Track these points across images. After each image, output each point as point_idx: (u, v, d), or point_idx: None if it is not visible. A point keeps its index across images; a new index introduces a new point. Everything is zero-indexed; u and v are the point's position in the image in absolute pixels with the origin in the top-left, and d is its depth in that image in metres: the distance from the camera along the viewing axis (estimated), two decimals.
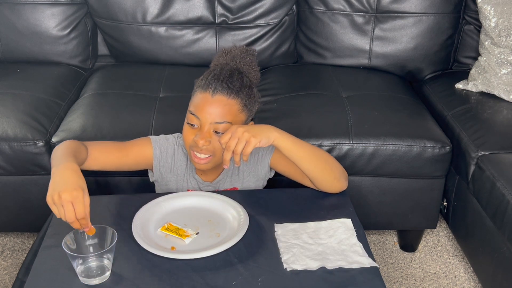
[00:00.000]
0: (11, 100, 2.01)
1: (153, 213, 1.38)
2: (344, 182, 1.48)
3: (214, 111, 1.38)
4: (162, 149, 1.53)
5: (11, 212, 1.97)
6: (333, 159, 1.49)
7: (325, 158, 1.46)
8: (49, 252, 1.26)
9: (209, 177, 1.55)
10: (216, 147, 1.40)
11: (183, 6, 2.30)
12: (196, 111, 1.39)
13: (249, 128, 1.33)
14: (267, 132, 1.34)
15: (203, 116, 1.38)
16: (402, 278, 2.04)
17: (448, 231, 2.27)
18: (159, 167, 1.53)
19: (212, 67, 1.47)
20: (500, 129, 1.95)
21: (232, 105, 1.39)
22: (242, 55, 1.48)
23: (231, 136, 1.31)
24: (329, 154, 1.50)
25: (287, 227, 1.35)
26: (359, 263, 1.24)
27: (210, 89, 1.38)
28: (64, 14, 2.32)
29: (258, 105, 1.48)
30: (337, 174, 1.46)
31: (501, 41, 2.08)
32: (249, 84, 1.44)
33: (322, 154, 1.46)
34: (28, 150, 1.86)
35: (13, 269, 2.04)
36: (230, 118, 1.38)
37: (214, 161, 1.44)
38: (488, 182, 1.74)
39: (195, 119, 1.40)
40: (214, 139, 1.40)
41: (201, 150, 1.40)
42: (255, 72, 1.49)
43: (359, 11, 2.32)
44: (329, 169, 1.45)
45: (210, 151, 1.41)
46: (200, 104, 1.39)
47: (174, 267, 1.21)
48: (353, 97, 2.10)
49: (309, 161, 1.41)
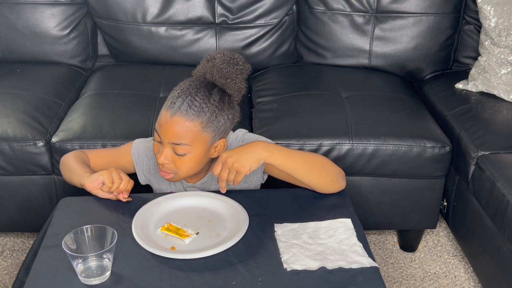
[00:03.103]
0: (11, 100, 2.01)
1: (153, 213, 1.38)
2: (342, 182, 1.48)
3: (172, 132, 1.35)
4: (140, 152, 1.53)
5: (11, 212, 1.97)
6: (328, 161, 1.48)
7: (319, 163, 1.45)
8: (49, 252, 1.26)
9: (193, 179, 1.53)
10: (178, 167, 1.39)
11: (183, 6, 2.30)
12: (157, 129, 1.38)
13: (238, 157, 1.35)
14: (256, 156, 1.37)
15: (162, 135, 1.37)
16: (402, 278, 2.04)
17: (448, 231, 2.27)
18: (141, 170, 1.54)
19: (193, 74, 1.45)
20: (500, 129, 1.95)
21: (190, 127, 1.34)
22: (222, 65, 1.39)
23: (222, 167, 1.36)
24: (323, 157, 1.50)
25: (287, 227, 1.35)
26: (359, 263, 1.24)
27: (170, 108, 1.35)
28: (64, 14, 2.32)
29: (233, 121, 1.43)
30: (334, 177, 1.46)
31: (501, 41, 2.08)
32: (218, 99, 1.37)
33: (316, 160, 1.46)
34: (28, 150, 1.86)
35: (13, 269, 2.04)
36: (188, 140, 1.35)
37: (179, 177, 1.44)
38: (488, 182, 1.74)
39: (157, 136, 1.39)
40: (174, 158, 1.38)
41: (163, 168, 1.40)
42: (237, 83, 1.40)
43: (359, 11, 2.32)
44: (325, 173, 1.45)
45: (172, 170, 1.40)
46: (161, 122, 1.37)
47: (174, 267, 1.21)
48: (353, 97, 2.10)
49: (303, 171, 1.42)
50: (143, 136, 1.62)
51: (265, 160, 1.38)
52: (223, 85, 1.40)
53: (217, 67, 1.39)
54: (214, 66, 1.40)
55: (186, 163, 1.38)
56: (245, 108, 2.12)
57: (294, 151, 1.45)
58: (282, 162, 1.39)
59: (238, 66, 1.41)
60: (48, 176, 1.92)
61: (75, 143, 1.85)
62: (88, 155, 1.55)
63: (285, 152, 1.41)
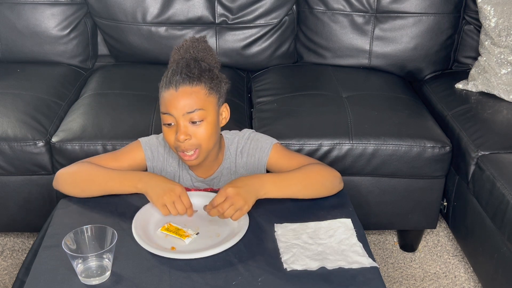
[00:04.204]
0: (11, 100, 2.01)
1: (153, 213, 1.38)
2: (339, 185, 1.50)
3: (183, 103, 1.38)
4: (153, 149, 1.54)
5: (11, 212, 1.97)
6: (322, 172, 1.48)
7: (314, 179, 1.46)
8: (49, 252, 1.26)
9: (204, 173, 1.54)
10: (199, 137, 1.40)
11: (183, 6, 2.30)
12: (167, 109, 1.39)
13: (240, 190, 1.34)
14: (256, 192, 1.37)
15: (175, 112, 1.38)
16: (402, 278, 2.04)
17: (448, 231, 2.27)
18: (153, 168, 1.54)
19: (169, 65, 1.48)
20: (500, 129, 1.95)
21: (197, 92, 1.39)
22: (193, 44, 1.47)
23: (225, 200, 1.33)
24: (318, 168, 1.49)
25: (287, 227, 1.35)
26: (359, 263, 1.24)
27: (172, 84, 1.39)
28: (64, 14, 2.32)
29: (226, 85, 1.48)
30: (330, 186, 1.48)
31: (501, 41, 2.08)
32: (209, 67, 1.44)
33: (310, 176, 1.47)
34: (28, 150, 1.86)
35: (13, 269, 2.04)
36: (201, 105, 1.39)
37: (203, 151, 1.43)
38: (488, 182, 1.74)
39: (169, 117, 1.40)
40: (193, 130, 1.39)
41: (186, 147, 1.40)
42: (212, 56, 1.49)
43: (359, 11, 2.32)
44: (321, 187, 1.47)
45: (194, 145, 1.41)
46: (168, 101, 1.39)
47: (174, 267, 1.21)
48: (353, 97, 2.10)
49: (301, 191, 1.45)
50: (144, 136, 1.62)
51: (263, 196, 1.40)
52: (202, 58, 1.46)
53: (191, 47, 1.47)
54: (188, 48, 1.47)
55: (205, 130, 1.40)
56: (245, 108, 2.12)
57: (287, 175, 1.46)
58: (280, 193, 1.42)
59: (205, 43, 1.49)
60: (48, 176, 1.92)
61: (75, 143, 1.85)
62: (96, 161, 1.51)
63: (281, 181, 1.43)
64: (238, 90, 2.24)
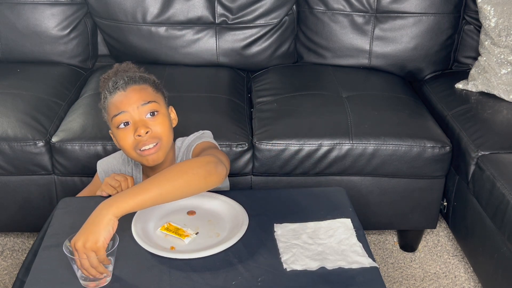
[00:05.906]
0: (11, 100, 2.01)
1: (153, 213, 1.38)
2: (220, 167, 1.29)
3: (135, 98, 1.38)
4: (105, 168, 1.58)
5: (11, 212, 1.97)
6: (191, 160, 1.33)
7: (179, 169, 1.25)
8: (49, 252, 1.26)
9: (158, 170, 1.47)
10: (159, 129, 1.39)
11: (183, 6, 2.30)
12: (120, 109, 1.37)
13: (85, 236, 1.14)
14: (101, 221, 1.15)
15: (129, 107, 1.36)
16: (402, 278, 2.04)
17: (448, 231, 2.27)
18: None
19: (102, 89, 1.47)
20: (500, 129, 1.95)
21: (145, 88, 1.41)
22: (120, 67, 1.50)
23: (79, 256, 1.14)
24: (187, 160, 1.35)
25: (287, 227, 1.35)
26: (359, 263, 1.24)
27: (118, 89, 1.39)
28: (64, 14, 2.32)
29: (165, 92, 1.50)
30: (204, 171, 1.26)
31: (501, 41, 2.08)
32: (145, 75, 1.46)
33: (174, 169, 1.26)
34: (28, 150, 1.86)
35: (13, 269, 2.04)
36: (152, 97, 1.39)
37: (163, 146, 1.40)
38: (488, 182, 1.74)
39: (123, 115, 1.37)
40: (151, 123, 1.38)
41: (147, 140, 1.37)
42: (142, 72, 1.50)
43: (359, 11, 2.32)
44: (192, 175, 1.25)
45: (156, 137, 1.39)
46: (119, 102, 1.38)
47: (173, 267, 1.21)
48: (353, 97, 2.10)
49: (167, 191, 1.23)
50: None
51: (114, 215, 1.16)
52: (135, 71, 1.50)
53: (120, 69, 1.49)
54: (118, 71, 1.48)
55: (161, 122, 1.39)
56: (245, 108, 2.12)
57: (143, 182, 1.24)
58: (136, 200, 1.19)
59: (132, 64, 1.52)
60: (48, 176, 1.92)
61: (75, 143, 1.85)
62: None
63: (132, 190, 1.21)
64: (238, 90, 2.24)
